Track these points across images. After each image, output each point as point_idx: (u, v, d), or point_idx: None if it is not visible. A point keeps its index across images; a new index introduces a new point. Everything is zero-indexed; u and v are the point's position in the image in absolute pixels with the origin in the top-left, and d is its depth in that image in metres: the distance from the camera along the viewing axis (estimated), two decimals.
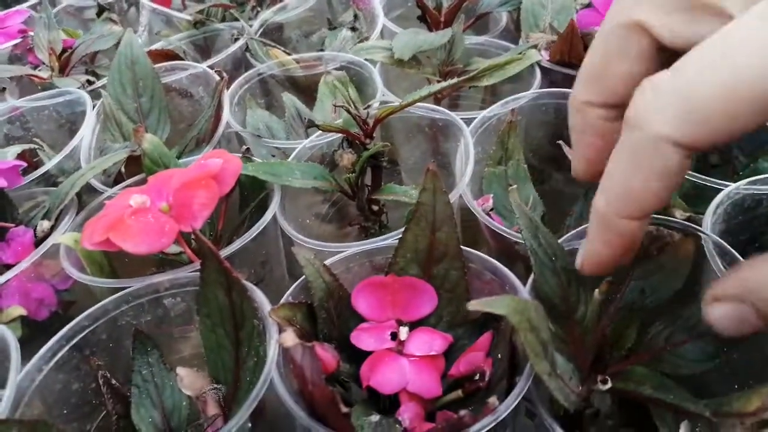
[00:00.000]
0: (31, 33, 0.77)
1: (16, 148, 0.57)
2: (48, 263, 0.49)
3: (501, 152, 0.56)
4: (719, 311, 0.29)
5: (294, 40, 0.85)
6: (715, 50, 0.24)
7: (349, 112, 0.48)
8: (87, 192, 0.55)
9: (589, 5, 0.64)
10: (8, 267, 0.47)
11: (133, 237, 0.39)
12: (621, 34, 0.30)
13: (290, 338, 0.30)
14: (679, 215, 0.45)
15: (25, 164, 0.54)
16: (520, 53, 0.62)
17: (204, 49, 0.84)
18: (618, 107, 0.31)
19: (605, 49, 0.31)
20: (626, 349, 0.37)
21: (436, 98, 0.66)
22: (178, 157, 0.56)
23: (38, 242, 0.49)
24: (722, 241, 0.40)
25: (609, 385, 0.32)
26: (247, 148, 0.53)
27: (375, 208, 0.52)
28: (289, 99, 0.64)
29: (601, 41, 0.31)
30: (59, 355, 0.40)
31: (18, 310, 0.46)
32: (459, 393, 0.38)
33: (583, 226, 0.43)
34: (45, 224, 0.50)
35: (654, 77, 0.26)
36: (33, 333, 0.48)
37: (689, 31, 0.27)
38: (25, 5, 0.91)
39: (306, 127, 0.49)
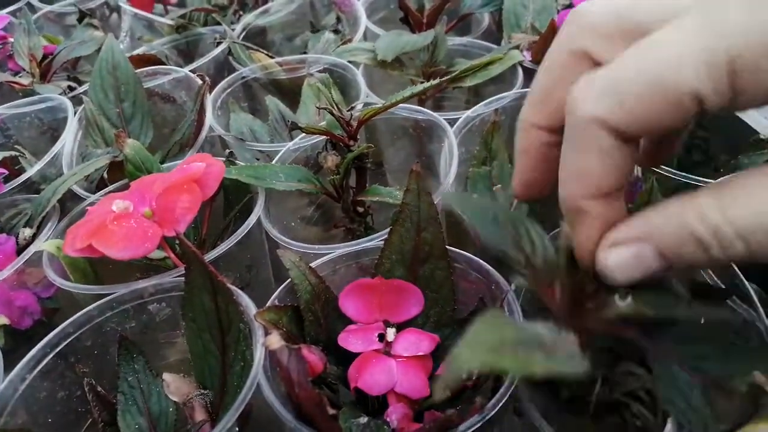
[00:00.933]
0: (11, 39, 0.77)
1: None
2: (31, 271, 0.48)
3: (485, 152, 0.56)
4: (616, 255, 0.29)
5: (277, 44, 0.85)
6: (645, 47, 0.26)
7: (332, 113, 0.48)
8: (70, 199, 0.54)
9: (570, 6, 0.64)
10: None
11: (116, 243, 0.39)
12: (566, 60, 0.31)
13: (275, 340, 0.30)
14: None
15: (6, 172, 0.54)
16: (502, 54, 0.63)
17: (186, 53, 0.83)
18: (561, 132, 0.33)
19: (551, 75, 0.32)
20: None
21: (420, 100, 0.66)
22: (162, 162, 0.55)
23: (20, 250, 0.49)
24: None
25: (629, 299, 0.29)
26: (231, 152, 0.53)
27: (360, 209, 0.52)
28: (273, 102, 0.64)
29: (548, 67, 0.33)
30: (43, 363, 0.40)
31: (1, 319, 0.46)
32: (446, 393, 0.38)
33: None
34: (27, 232, 0.49)
35: (590, 71, 0.28)
36: (17, 342, 0.48)
37: None
38: (4, 11, 0.91)
39: (289, 129, 0.49)
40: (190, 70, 0.69)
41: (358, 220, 0.52)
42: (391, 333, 0.39)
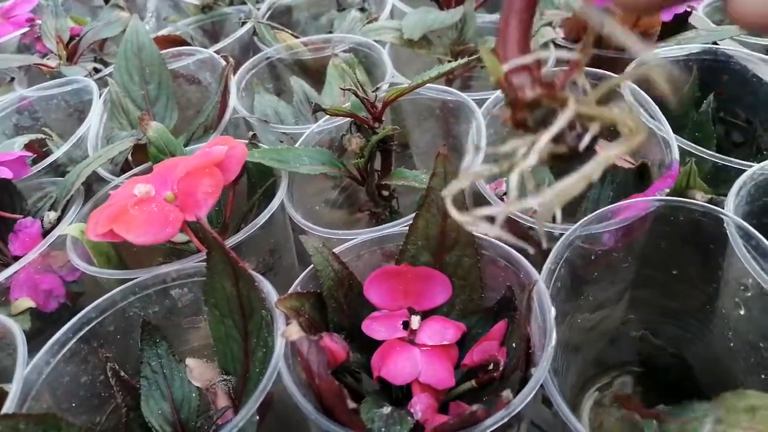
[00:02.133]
0: (39, 21, 0.77)
1: (23, 139, 0.56)
2: (56, 254, 0.48)
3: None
4: None
5: (302, 23, 0.83)
6: None
7: (356, 95, 0.47)
8: (95, 181, 0.54)
9: None
10: (16, 258, 0.47)
11: (137, 228, 0.38)
12: None
13: (295, 331, 0.29)
14: (700, 197, 0.43)
15: (30, 154, 0.54)
16: (534, 31, 0.61)
17: (212, 33, 0.83)
18: None
19: None
20: None
21: (448, 79, 0.64)
22: (186, 144, 0.55)
23: (46, 233, 0.49)
24: (745, 224, 0.39)
25: None
26: (254, 134, 0.52)
27: (385, 193, 0.51)
28: (297, 83, 0.63)
29: None
30: (67, 347, 0.40)
31: (26, 302, 0.46)
32: (472, 383, 0.37)
33: (600, 210, 0.42)
34: (52, 215, 0.49)
35: None
36: (43, 325, 0.48)
37: None
38: None
39: (313, 111, 0.48)
40: (215, 51, 0.68)
41: (382, 204, 0.51)
42: (415, 321, 0.38)
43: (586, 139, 0.20)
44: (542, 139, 0.19)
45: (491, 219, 0.20)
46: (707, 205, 0.40)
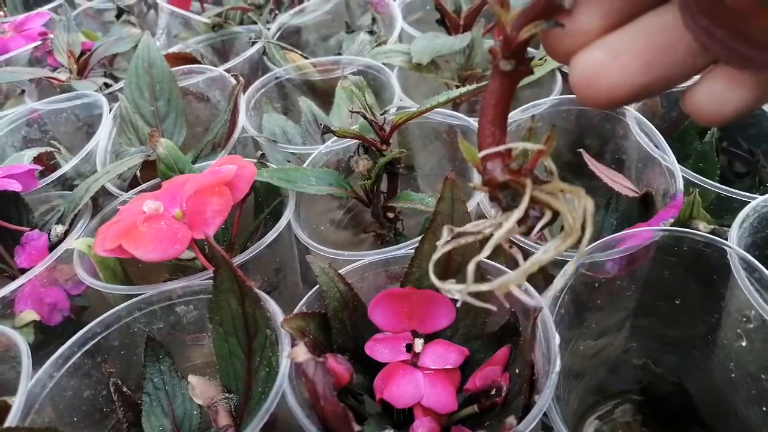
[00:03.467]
0: (51, 35, 0.78)
1: (32, 152, 0.57)
2: (62, 268, 0.49)
3: (521, 159, 0.55)
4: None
5: (312, 44, 0.84)
6: None
7: (365, 117, 0.47)
8: (103, 195, 0.55)
9: None
10: (22, 271, 0.47)
11: (146, 244, 0.39)
12: None
13: (302, 352, 0.29)
14: (703, 228, 0.43)
15: (39, 168, 0.54)
16: (541, 58, 0.61)
17: (222, 52, 0.83)
18: None
19: None
20: None
21: (455, 103, 0.65)
22: (194, 162, 0.55)
23: (52, 246, 0.49)
24: (748, 256, 0.39)
25: None
26: (262, 154, 0.52)
27: (390, 215, 0.51)
28: (306, 103, 0.64)
29: None
30: (71, 361, 0.40)
31: (31, 315, 0.46)
32: (474, 408, 0.37)
33: (604, 239, 0.42)
34: (59, 228, 0.49)
35: None
36: (46, 338, 0.48)
37: None
38: (46, 7, 0.92)
39: (322, 133, 0.48)
40: (224, 70, 0.69)
41: (388, 226, 0.51)
42: (419, 344, 0.38)
43: (537, 228, 0.22)
44: (495, 237, 0.22)
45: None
46: (710, 236, 0.41)
